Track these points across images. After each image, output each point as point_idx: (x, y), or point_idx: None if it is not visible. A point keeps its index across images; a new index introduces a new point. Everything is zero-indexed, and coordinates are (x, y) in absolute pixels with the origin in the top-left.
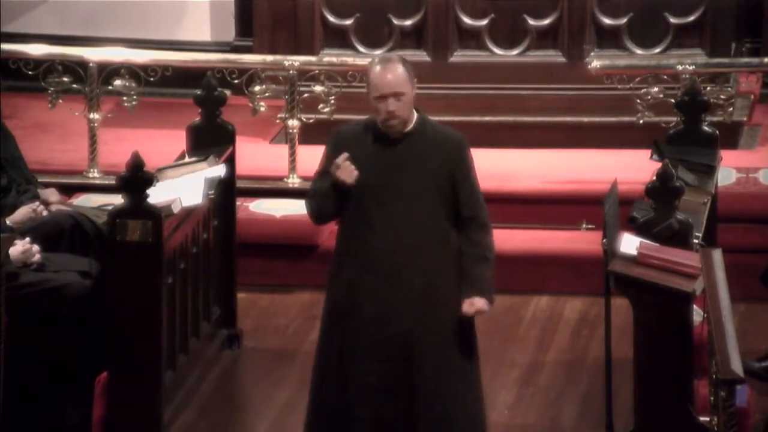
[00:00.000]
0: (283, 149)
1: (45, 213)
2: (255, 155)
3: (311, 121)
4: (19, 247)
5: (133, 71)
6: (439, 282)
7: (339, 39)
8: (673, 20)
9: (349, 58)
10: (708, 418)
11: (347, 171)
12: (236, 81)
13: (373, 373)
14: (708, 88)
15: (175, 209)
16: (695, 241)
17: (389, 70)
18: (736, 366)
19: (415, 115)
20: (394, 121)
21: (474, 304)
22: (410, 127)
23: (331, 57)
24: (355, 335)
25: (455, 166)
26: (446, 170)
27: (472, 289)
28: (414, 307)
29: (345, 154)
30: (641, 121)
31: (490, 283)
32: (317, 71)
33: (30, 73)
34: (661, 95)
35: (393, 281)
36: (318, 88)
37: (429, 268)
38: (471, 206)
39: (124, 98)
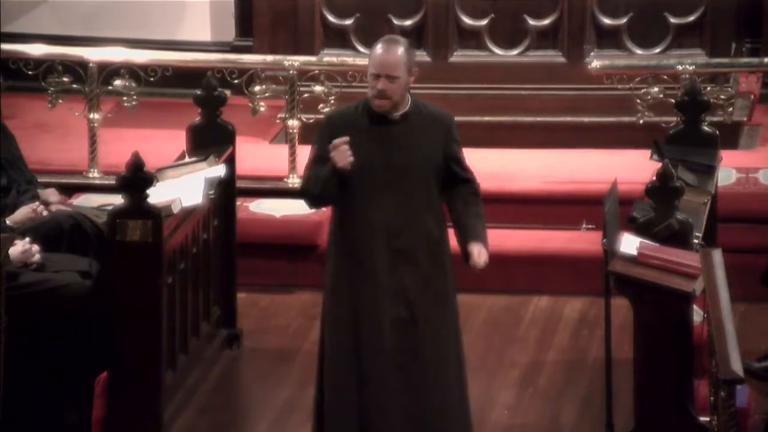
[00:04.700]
0: (283, 149)
1: (45, 213)
2: (255, 155)
3: (311, 121)
4: (19, 247)
5: (133, 71)
6: (440, 258)
7: (339, 39)
8: (673, 20)
9: (349, 58)
10: (708, 418)
11: (342, 155)
12: (236, 81)
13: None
14: (708, 88)
15: (175, 209)
16: (695, 241)
17: (389, 52)
18: (736, 366)
19: (409, 99)
20: (383, 101)
21: (481, 255)
22: (405, 109)
23: (331, 57)
24: (359, 310)
25: (448, 140)
26: (441, 146)
27: (480, 240)
28: (417, 284)
29: (344, 138)
30: (641, 121)
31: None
32: (317, 71)
33: (30, 73)
34: (661, 95)
35: (394, 260)
36: (318, 88)
37: (429, 245)
38: (466, 172)
39: (124, 98)
